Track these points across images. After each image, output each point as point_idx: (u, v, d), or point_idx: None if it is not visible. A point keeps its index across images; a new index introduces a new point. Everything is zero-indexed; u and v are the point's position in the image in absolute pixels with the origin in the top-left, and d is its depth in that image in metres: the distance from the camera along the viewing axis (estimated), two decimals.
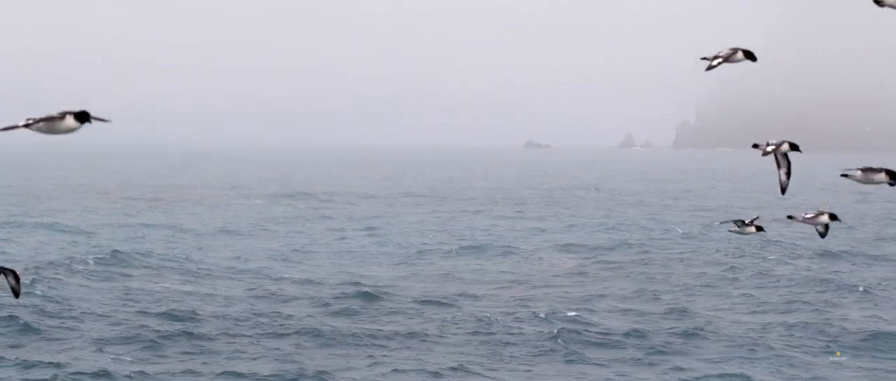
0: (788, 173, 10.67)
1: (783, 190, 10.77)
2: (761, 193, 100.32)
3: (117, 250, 46.97)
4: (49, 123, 8.34)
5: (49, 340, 29.63)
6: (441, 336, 30.59)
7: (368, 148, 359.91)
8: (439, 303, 35.92)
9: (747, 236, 48.66)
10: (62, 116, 8.39)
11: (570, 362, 28.03)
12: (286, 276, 42.13)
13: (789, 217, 12.04)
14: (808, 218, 11.71)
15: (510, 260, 48.13)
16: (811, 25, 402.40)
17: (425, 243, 54.11)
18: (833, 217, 11.75)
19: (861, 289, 38.71)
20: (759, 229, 12.33)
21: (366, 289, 38.01)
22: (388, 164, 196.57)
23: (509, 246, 52.89)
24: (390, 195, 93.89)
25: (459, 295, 37.73)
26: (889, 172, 9.50)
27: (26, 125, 8.34)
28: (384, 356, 28.28)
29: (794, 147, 10.70)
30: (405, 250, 51.87)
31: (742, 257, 47.18)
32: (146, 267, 43.57)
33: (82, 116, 8.45)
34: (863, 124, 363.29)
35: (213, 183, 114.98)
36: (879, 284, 40.00)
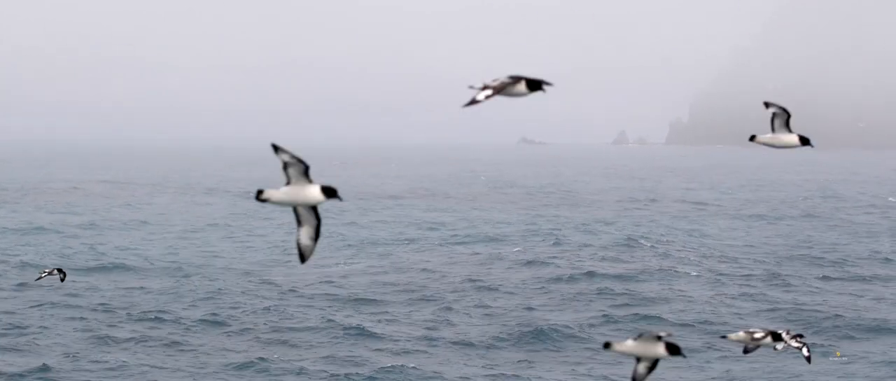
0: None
1: None
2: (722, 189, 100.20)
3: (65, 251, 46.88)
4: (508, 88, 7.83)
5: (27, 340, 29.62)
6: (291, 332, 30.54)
7: (345, 147, 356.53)
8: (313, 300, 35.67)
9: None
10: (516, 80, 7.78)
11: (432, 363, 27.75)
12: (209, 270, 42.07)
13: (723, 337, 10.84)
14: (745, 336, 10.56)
15: (390, 256, 47.65)
16: (806, 23, 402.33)
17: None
18: None
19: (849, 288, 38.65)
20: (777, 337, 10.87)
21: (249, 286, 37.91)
22: (360, 162, 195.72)
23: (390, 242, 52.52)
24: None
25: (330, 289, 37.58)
26: None
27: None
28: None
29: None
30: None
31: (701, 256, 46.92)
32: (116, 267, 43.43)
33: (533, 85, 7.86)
34: (856, 121, 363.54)
35: (198, 182, 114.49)
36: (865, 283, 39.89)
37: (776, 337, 10.13)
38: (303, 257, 7.86)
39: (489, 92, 7.59)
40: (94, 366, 26.89)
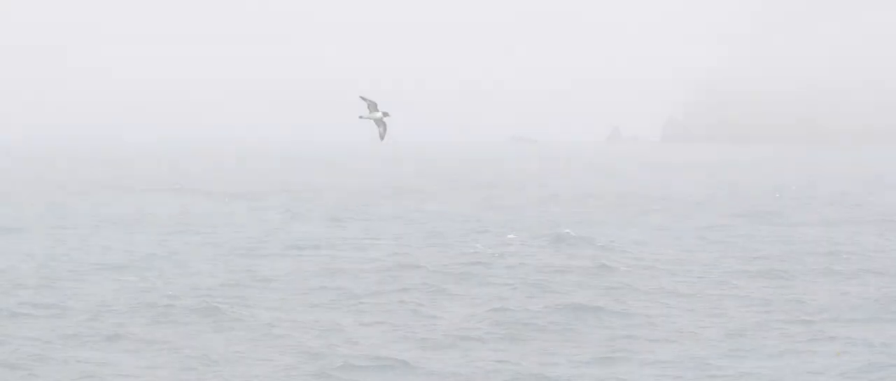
0: None
1: None
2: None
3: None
4: None
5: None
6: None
7: (333, 146, 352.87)
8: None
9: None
10: None
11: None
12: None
13: None
14: None
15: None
16: (798, 19, 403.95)
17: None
18: None
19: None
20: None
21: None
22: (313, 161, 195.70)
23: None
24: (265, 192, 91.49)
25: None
26: None
27: None
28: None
29: None
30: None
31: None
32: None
33: None
34: (851, 119, 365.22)
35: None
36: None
37: None
38: None
39: None
40: (63, 367, 26.73)
